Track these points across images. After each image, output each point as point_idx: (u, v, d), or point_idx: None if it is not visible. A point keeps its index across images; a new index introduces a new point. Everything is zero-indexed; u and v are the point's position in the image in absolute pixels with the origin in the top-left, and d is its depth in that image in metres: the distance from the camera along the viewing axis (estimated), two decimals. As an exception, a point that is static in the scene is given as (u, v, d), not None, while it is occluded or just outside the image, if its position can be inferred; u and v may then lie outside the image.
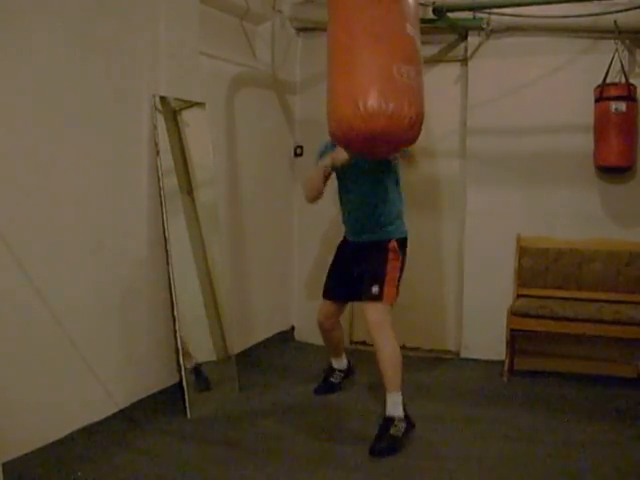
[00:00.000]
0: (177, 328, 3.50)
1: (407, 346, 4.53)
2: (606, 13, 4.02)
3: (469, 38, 4.59)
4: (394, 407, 3.14)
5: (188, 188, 3.74)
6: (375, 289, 3.25)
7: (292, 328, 5.06)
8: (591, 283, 4.31)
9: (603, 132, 4.14)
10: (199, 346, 3.72)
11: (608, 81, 4.13)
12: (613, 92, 4.10)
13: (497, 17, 4.38)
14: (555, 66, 4.41)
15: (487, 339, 4.49)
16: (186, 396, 3.47)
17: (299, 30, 4.89)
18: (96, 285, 3.18)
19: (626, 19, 4.03)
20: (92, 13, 3.10)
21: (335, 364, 3.94)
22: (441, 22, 4.30)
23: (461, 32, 4.59)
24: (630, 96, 4.10)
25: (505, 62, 4.52)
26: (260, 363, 4.41)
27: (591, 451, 3.11)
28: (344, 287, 3.55)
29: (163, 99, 3.55)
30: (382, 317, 3.24)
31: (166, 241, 3.51)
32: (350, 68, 2.59)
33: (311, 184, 3.45)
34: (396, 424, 3.09)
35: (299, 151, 4.96)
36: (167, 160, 3.56)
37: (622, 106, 4.07)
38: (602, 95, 4.12)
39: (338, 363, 3.94)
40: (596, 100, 4.16)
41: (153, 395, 3.52)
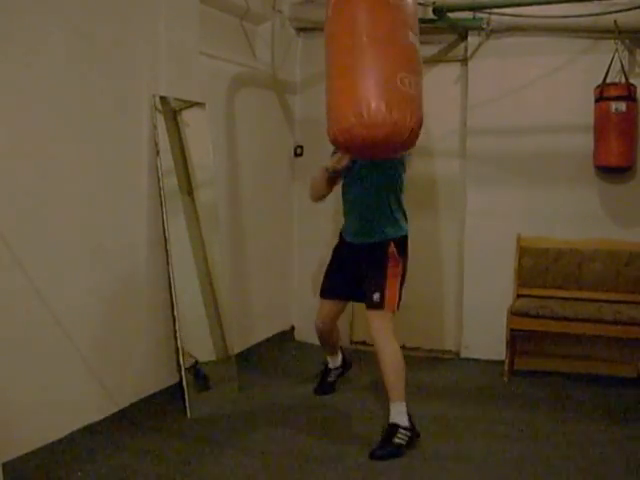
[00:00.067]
0: (177, 328, 3.50)
1: (407, 346, 4.52)
2: (606, 13, 4.02)
3: (469, 38, 4.59)
4: (399, 416, 3.11)
5: (188, 188, 3.74)
6: (376, 297, 3.22)
7: (292, 328, 5.06)
8: (591, 283, 4.31)
9: (603, 132, 4.14)
10: (199, 346, 3.72)
11: (608, 81, 4.14)
12: (613, 92, 4.10)
13: (497, 17, 4.38)
14: (555, 66, 4.41)
15: (487, 339, 4.49)
16: (186, 396, 3.47)
17: (299, 30, 4.89)
18: (96, 285, 3.18)
19: (626, 19, 4.03)
20: (92, 13, 3.10)
21: (331, 364, 3.93)
22: (441, 22, 4.30)
23: (461, 32, 4.59)
24: (630, 96, 4.10)
25: (505, 62, 4.53)
26: (260, 363, 4.41)
27: (591, 451, 3.11)
28: (342, 286, 3.52)
29: (163, 99, 3.55)
30: (383, 324, 3.21)
31: (166, 241, 3.51)
32: (354, 74, 2.58)
33: (315, 186, 3.42)
34: (400, 432, 3.07)
35: (299, 151, 4.96)
36: (167, 160, 3.56)
37: (622, 106, 4.07)
38: (602, 95, 4.12)
39: (333, 362, 3.93)
40: (596, 100, 4.16)
41: (153, 395, 3.52)
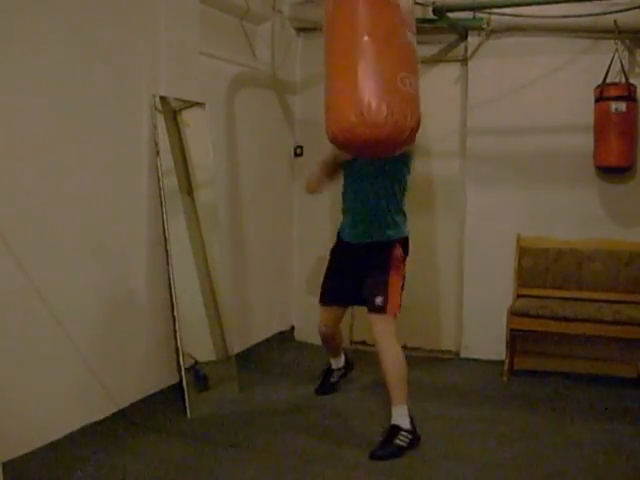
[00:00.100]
0: (177, 328, 3.50)
1: (407, 346, 4.51)
2: (606, 13, 4.02)
3: (469, 38, 4.59)
4: (400, 418, 3.11)
5: (188, 188, 3.74)
6: (379, 300, 3.20)
7: (292, 328, 5.06)
8: (591, 283, 4.31)
9: (603, 132, 4.14)
10: (199, 346, 3.72)
11: (608, 81, 4.13)
12: (613, 92, 4.10)
13: (497, 17, 4.38)
14: (555, 66, 4.41)
15: (487, 339, 4.49)
16: (186, 396, 3.47)
17: (299, 30, 4.89)
18: (96, 285, 3.18)
19: (626, 19, 4.03)
20: (92, 13, 3.10)
21: (334, 364, 3.94)
22: (441, 22, 4.30)
23: (461, 32, 4.59)
24: (630, 96, 4.09)
25: (505, 62, 4.52)
26: (260, 363, 4.41)
27: (591, 451, 3.11)
28: (343, 292, 3.49)
29: (163, 99, 3.56)
30: (386, 328, 3.20)
31: (166, 241, 3.51)
32: (355, 74, 2.57)
33: (313, 178, 3.41)
34: (402, 435, 3.07)
35: (299, 151, 4.96)
36: (167, 160, 3.56)
37: (622, 106, 4.07)
38: (602, 95, 4.12)
39: (337, 363, 3.94)
40: (596, 100, 4.16)
41: (153, 395, 3.52)
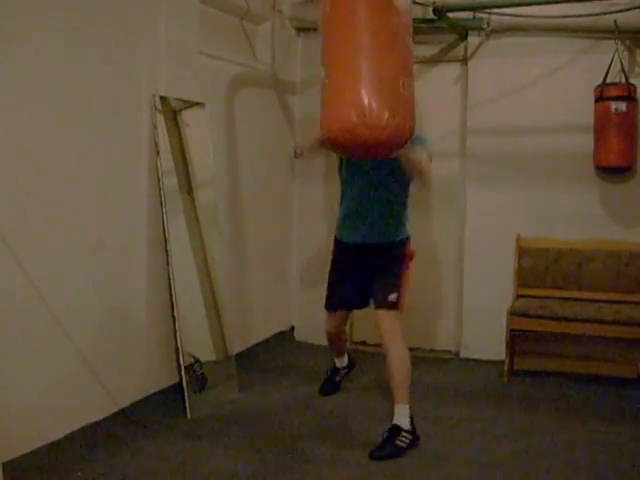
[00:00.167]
0: (177, 328, 3.50)
1: (407, 346, 4.51)
2: (606, 13, 4.02)
3: (469, 38, 4.59)
4: (402, 418, 3.11)
5: (188, 188, 3.74)
6: (393, 297, 3.21)
7: (292, 328, 5.06)
8: (591, 283, 4.31)
9: (603, 132, 4.14)
10: (199, 346, 3.72)
11: (608, 81, 4.13)
12: (613, 92, 4.10)
13: (497, 17, 4.38)
14: (555, 66, 4.41)
15: (487, 339, 4.49)
16: (186, 396, 3.47)
17: (299, 30, 4.89)
18: (96, 285, 3.18)
19: (626, 19, 4.03)
20: (92, 13, 3.10)
21: (338, 363, 3.94)
22: (441, 22, 4.30)
23: (461, 32, 4.58)
24: (630, 96, 4.10)
25: (505, 62, 4.53)
26: (260, 363, 4.41)
27: (591, 451, 3.11)
28: (350, 298, 3.48)
29: (163, 99, 3.55)
30: (396, 325, 3.21)
31: (166, 241, 3.51)
32: (359, 75, 2.53)
33: (308, 145, 3.36)
34: (402, 435, 3.07)
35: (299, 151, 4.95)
36: (167, 160, 3.56)
37: (622, 106, 4.07)
38: (602, 95, 4.12)
39: (341, 362, 3.94)
40: (596, 100, 4.16)
41: (153, 395, 3.52)
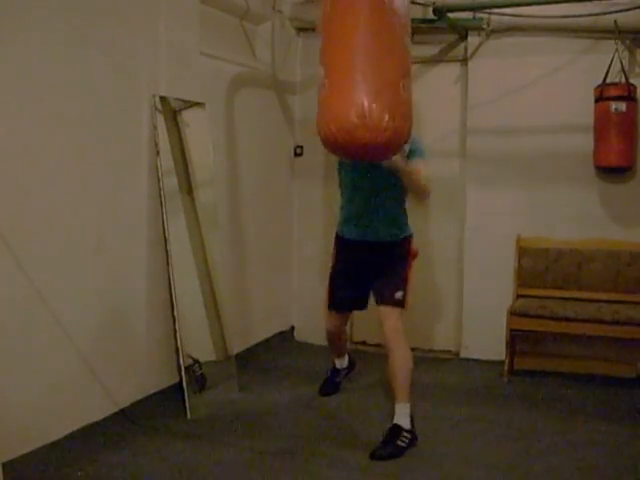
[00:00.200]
0: (177, 328, 3.50)
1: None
2: (606, 13, 4.02)
3: (469, 38, 4.59)
4: (403, 418, 3.12)
5: (188, 188, 3.74)
6: (399, 295, 3.21)
7: (292, 328, 5.06)
8: (591, 283, 4.31)
9: (603, 132, 4.14)
10: (199, 346, 3.72)
11: (608, 81, 4.14)
12: (613, 92, 4.10)
13: (497, 17, 4.39)
14: (555, 66, 4.41)
15: (487, 339, 4.49)
16: (186, 396, 3.47)
17: (299, 30, 4.89)
18: (96, 285, 3.18)
19: (626, 19, 4.03)
20: (92, 13, 3.10)
21: (338, 364, 3.94)
22: (441, 22, 4.30)
23: (461, 32, 4.59)
24: (630, 96, 4.10)
25: (505, 62, 4.53)
26: (260, 363, 4.41)
27: (591, 451, 3.11)
28: (353, 298, 3.48)
29: (163, 99, 3.55)
30: (400, 324, 3.21)
31: (166, 241, 3.51)
32: (360, 75, 2.51)
33: None
34: (403, 435, 3.08)
35: (299, 151, 4.96)
36: (167, 160, 3.56)
37: (622, 106, 4.07)
38: (602, 95, 4.12)
39: (341, 363, 3.94)
40: (596, 100, 4.16)
41: (153, 395, 3.52)
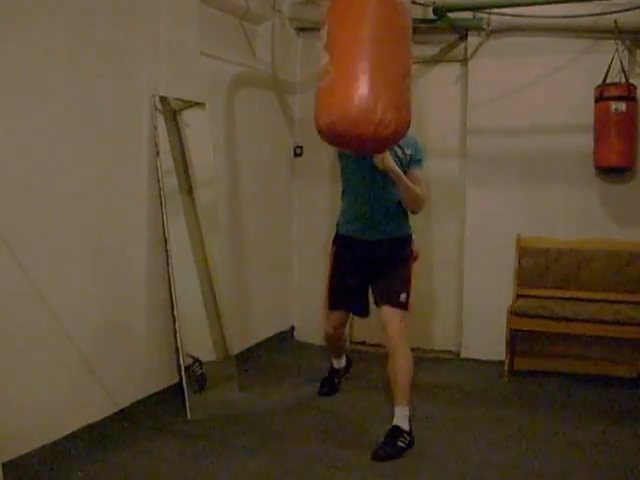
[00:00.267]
0: (177, 328, 3.50)
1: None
2: (606, 13, 4.02)
3: (469, 38, 4.59)
4: (402, 420, 3.13)
5: (188, 188, 3.74)
6: (403, 297, 3.21)
7: (292, 328, 5.06)
8: (591, 283, 4.31)
9: (603, 132, 4.14)
10: (199, 346, 3.72)
11: (608, 81, 4.14)
12: (613, 92, 4.10)
13: (497, 17, 4.39)
14: (555, 66, 4.41)
15: (487, 339, 4.49)
16: (186, 396, 3.47)
17: (299, 30, 4.89)
18: (96, 285, 3.18)
19: (626, 19, 4.03)
20: (92, 13, 3.10)
21: (336, 364, 3.94)
22: (441, 22, 4.30)
23: (461, 32, 4.59)
24: (630, 96, 4.10)
25: (505, 62, 4.53)
26: (260, 363, 4.41)
27: (591, 451, 3.11)
28: (352, 296, 3.46)
29: (163, 99, 3.55)
30: (401, 327, 3.20)
31: (166, 241, 3.51)
32: (370, 68, 2.48)
33: None
34: (403, 436, 3.09)
35: (299, 151, 4.96)
36: (167, 160, 3.56)
37: (622, 106, 4.07)
38: (602, 95, 4.12)
39: (339, 363, 3.94)
40: (596, 100, 4.16)
41: (153, 395, 3.52)
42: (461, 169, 4.73)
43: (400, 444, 3.06)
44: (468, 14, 4.39)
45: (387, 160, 3.02)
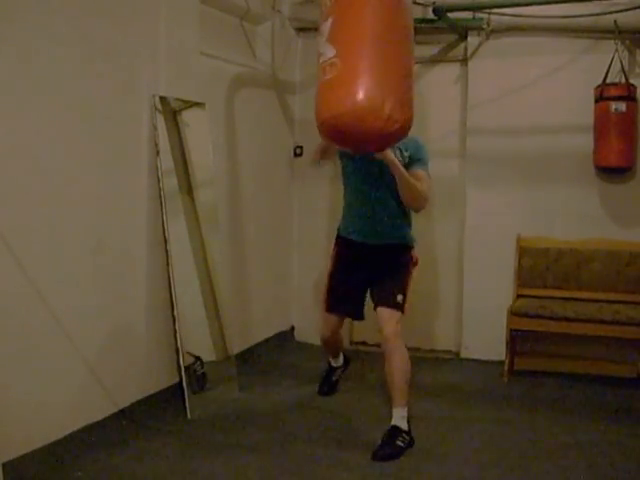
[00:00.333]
0: (177, 328, 3.50)
1: (407, 346, 4.48)
2: (606, 13, 4.02)
3: (469, 38, 4.59)
4: (401, 420, 3.13)
5: (188, 188, 3.74)
6: (400, 298, 3.20)
7: (292, 328, 5.06)
8: (591, 283, 4.31)
9: (603, 132, 4.14)
10: (199, 346, 3.72)
11: (608, 81, 4.14)
12: (613, 92, 4.10)
13: (497, 17, 4.39)
14: (555, 66, 4.41)
15: (487, 339, 4.49)
16: (186, 396, 3.47)
17: (299, 30, 4.89)
18: (96, 285, 3.18)
19: (626, 19, 4.03)
20: (92, 13, 3.10)
21: (334, 363, 3.93)
22: (441, 22, 4.30)
23: (461, 32, 4.59)
24: (630, 96, 4.10)
25: (505, 62, 4.53)
26: (260, 363, 4.41)
27: (591, 451, 3.11)
28: (350, 299, 3.44)
29: (163, 99, 3.55)
30: (398, 328, 3.20)
31: (166, 241, 3.51)
32: (378, 64, 2.46)
33: (319, 149, 3.24)
34: (402, 436, 3.09)
35: (299, 151, 4.96)
36: (167, 160, 3.56)
37: (622, 106, 4.07)
38: (602, 95, 4.13)
39: (336, 361, 3.93)
40: (596, 100, 4.17)
41: (153, 395, 3.52)
42: (461, 169, 4.73)
43: (399, 444, 3.06)
44: (468, 14, 4.39)
45: (386, 150, 2.98)
